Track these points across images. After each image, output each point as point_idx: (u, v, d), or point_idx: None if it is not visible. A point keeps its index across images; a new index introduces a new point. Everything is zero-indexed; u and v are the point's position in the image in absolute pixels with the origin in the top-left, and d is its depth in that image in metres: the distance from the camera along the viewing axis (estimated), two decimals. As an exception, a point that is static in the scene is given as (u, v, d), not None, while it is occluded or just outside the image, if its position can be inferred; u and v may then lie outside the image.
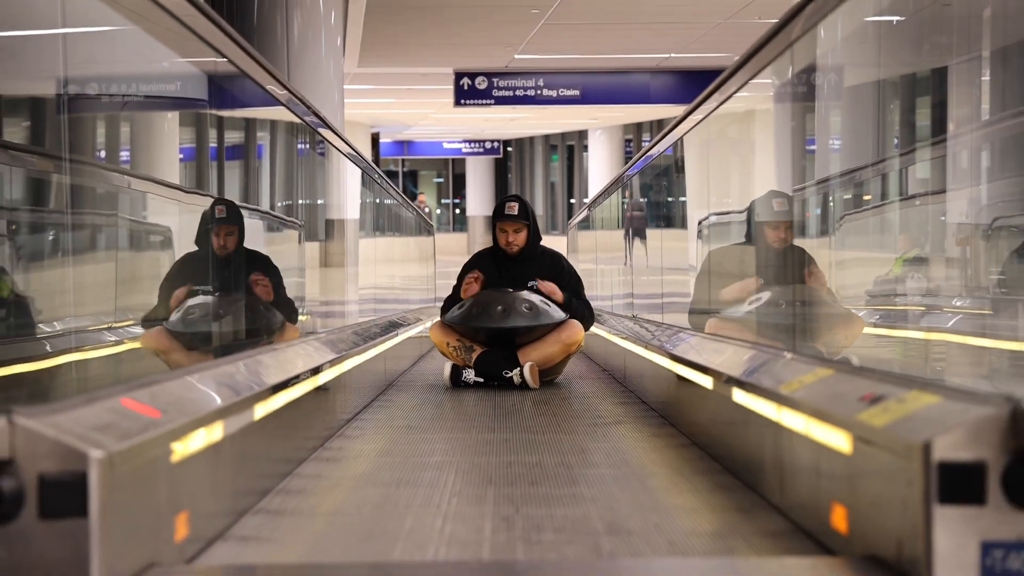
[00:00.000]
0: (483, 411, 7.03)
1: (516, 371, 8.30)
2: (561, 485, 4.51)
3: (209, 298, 4.79)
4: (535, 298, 8.42)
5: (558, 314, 8.44)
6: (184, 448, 3.23)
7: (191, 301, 4.62)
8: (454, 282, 8.97)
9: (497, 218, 8.79)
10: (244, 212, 5.52)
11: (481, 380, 8.38)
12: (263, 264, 5.55)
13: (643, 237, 9.60)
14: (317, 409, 5.49)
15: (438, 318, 8.89)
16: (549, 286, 8.57)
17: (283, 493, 4.35)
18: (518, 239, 8.75)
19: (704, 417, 5.42)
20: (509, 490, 4.36)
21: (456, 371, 8.46)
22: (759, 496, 4.21)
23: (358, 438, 5.83)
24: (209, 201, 4.79)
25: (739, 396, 4.47)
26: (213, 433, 3.53)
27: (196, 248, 4.78)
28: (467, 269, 8.91)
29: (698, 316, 6.69)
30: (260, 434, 4.23)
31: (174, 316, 4.48)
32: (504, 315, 8.29)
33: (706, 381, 5.19)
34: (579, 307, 8.67)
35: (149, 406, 3.21)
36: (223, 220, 5.05)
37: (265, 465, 4.38)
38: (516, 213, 8.72)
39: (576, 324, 8.53)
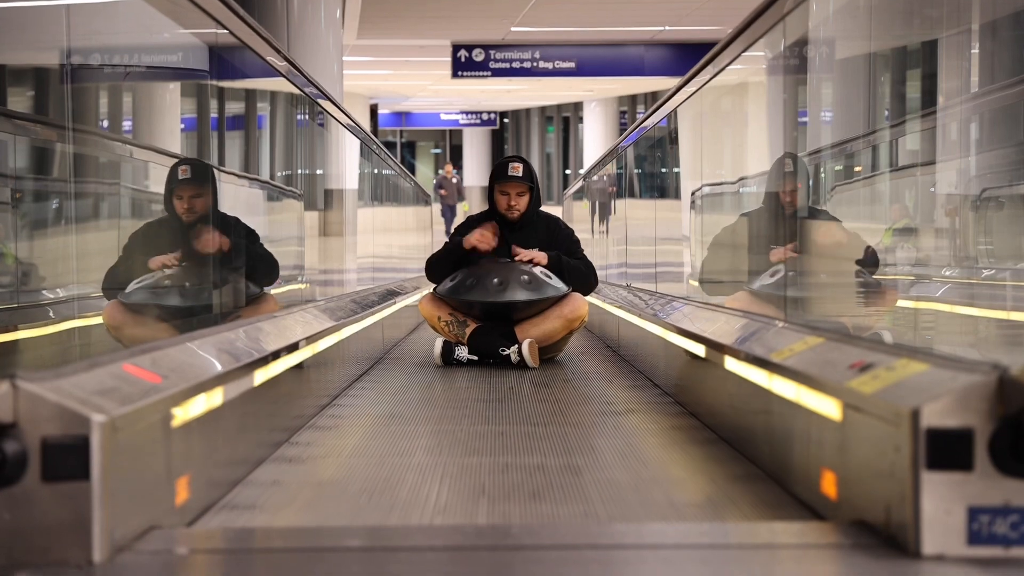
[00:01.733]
0: (476, 395, 6.19)
1: (514, 349, 7.42)
2: (569, 499, 3.66)
3: (169, 269, 4.37)
4: (536, 270, 7.53)
5: (560, 287, 7.57)
6: (184, 413, 3.23)
7: (150, 272, 4.24)
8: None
9: (498, 179, 7.83)
10: (232, 177, 5.36)
11: (475, 358, 7.52)
12: (236, 230, 4.94)
13: (608, 211, 9.61)
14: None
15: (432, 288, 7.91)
16: (528, 253, 7.63)
17: (230, 508, 3.56)
18: (520, 203, 7.80)
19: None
20: (505, 506, 3.58)
21: (448, 348, 7.58)
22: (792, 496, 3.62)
23: (332, 429, 5.09)
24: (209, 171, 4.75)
25: (732, 364, 4.47)
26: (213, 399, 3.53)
27: (165, 214, 4.47)
28: (461, 232, 7.85)
29: (714, 285, 6.27)
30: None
31: (130, 288, 4.11)
32: (501, 288, 7.43)
33: (702, 351, 5.11)
34: (575, 265, 7.75)
35: (150, 371, 3.21)
36: (187, 181, 4.59)
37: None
38: (520, 175, 7.79)
39: (579, 298, 7.67)
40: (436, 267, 7.81)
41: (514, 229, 7.84)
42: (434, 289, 7.81)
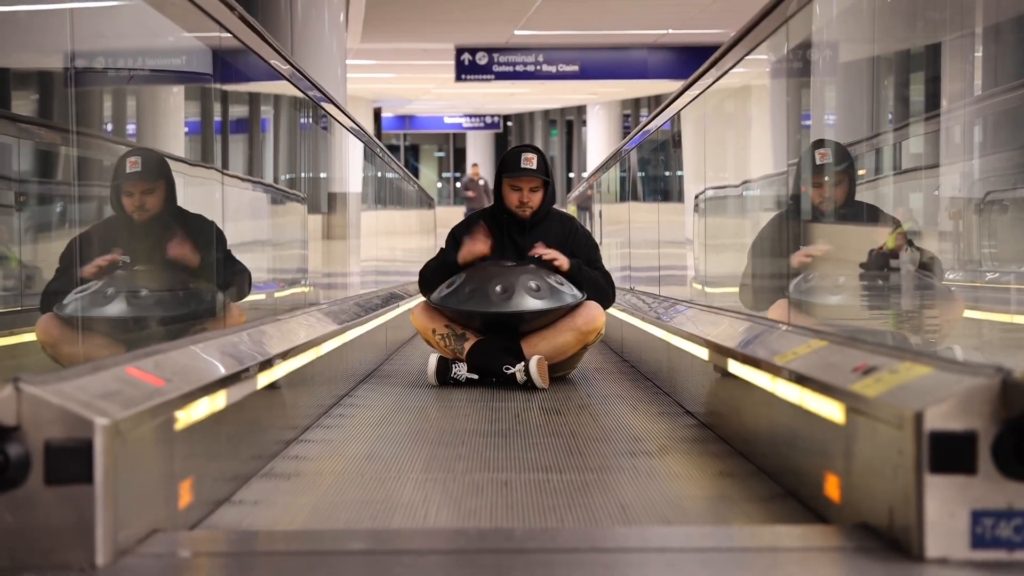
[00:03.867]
0: (475, 426, 5.20)
1: (520, 366, 6.44)
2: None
3: (112, 276, 3.88)
4: (550, 279, 6.58)
5: (573, 295, 6.59)
6: (187, 416, 3.23)
7: (90, 282, 3.78)
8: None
9: (508, 172, 6.85)
10: (236, 181, 5.19)
11: (475, 377, 6.55)
12: (200, 229, 4.41)
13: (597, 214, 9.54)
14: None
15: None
16: (551, 253, 6.67)
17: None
18: (533, 200, 6.84)
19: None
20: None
21: (444, 365, 6.60)
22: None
23: (294, 479, 4.05)
24: (213, 175, 4.75)
25: (734, 366, 4.47)
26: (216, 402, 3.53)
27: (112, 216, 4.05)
28: (460, 232, 6.97)
29: (755, 294, 5.47)
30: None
31: (68, 298, 3.72)
32: (505, 296, 6.47)
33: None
34: (593, 277, 6.77)
35: (153, 374, 3.21)
36: (137, 176, 4.09)
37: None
38: (535, 167, 6.81)
39: (594, 307, 6.66)
40: (432, 280, 6.86)
41: (524, 229, 6.87)
42: (422, 289, 6.94)
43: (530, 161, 6.78)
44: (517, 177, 6.80)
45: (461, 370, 6.57)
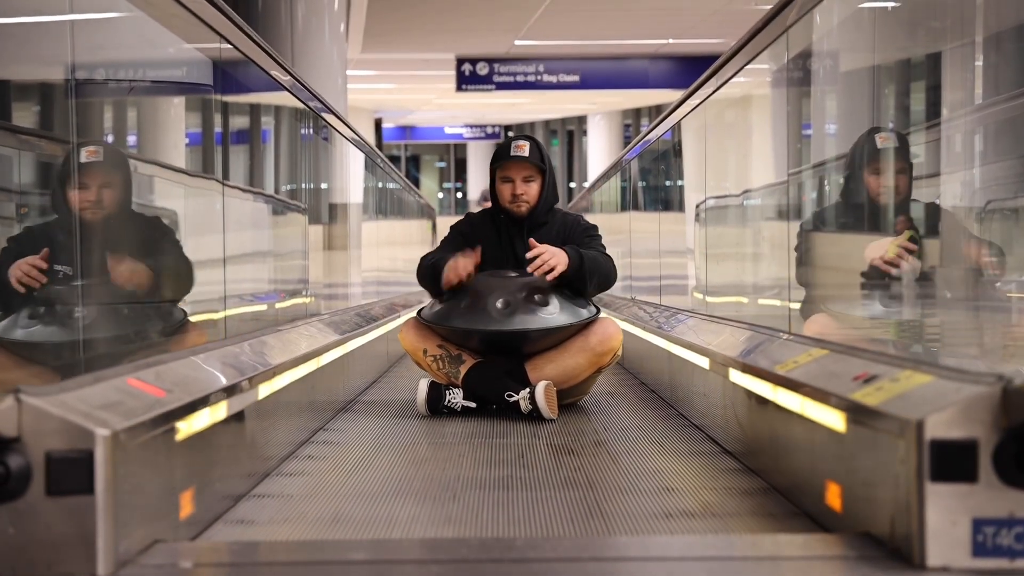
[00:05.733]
0: (471, 471, 4.36)
1: (524, 394, 5.60)
2: None
3: (50, 289, 3.53)
4: (554, 296, 5.77)
5: (588, 310, 5.85)
6: (188, 427, 3.23)
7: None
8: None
9: (500, 162, 6.07)
10: (237, 191, 5.10)
11: (472, 405, 5.76)
12: (155, 235, 4.02)
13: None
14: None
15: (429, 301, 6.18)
16: (545, 255, 5.71)
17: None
18: (529, 192, 6.02)
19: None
20: None
21: (436, 391, 5.78)
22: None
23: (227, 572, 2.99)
24: (214, 186, 4.75)
25: (738, 378, 4.46)
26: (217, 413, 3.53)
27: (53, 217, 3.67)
28: (455, 234, 6.22)
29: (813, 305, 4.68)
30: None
31: None
32: (507, 312, 5.68)
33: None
34: (592, 259, 5.85)
35: (154, 386, 3.21)
36: (97, 165, 3.67)
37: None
38: (527, 153, 6.00)
39: (610, 324, 5.89)
40: (428, 276, 6.02)
41: (524, 230, 6.06)
42: (418, 312, 6.05)
43: (521, 148, 6.00)
44: (508, 166, 6.03)
45: (456, 397, 5.77)
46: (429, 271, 5.98)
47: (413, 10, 18.71)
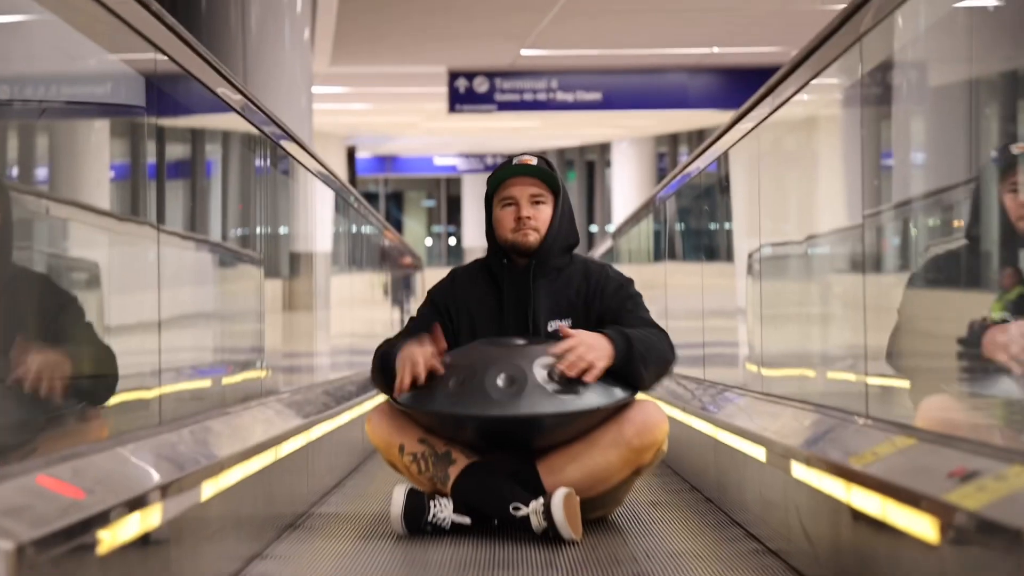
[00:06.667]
0: None
1: (536, 506, 5.01)
2: None
3: None
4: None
5: (619, 388, 5.21)
6: (113, 536, 3.21)
7: None
8: None
9: (502, 180, 5.55)
10: (175, 239, 5.19)
11: (466, 521, 5.15)
12: (54, 303, 3.74)
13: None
14: None
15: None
16: (579, 344, 5.11)
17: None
18: (538, 216, 5.46)
19: None
20: None
21: (416, 503, 5.17)
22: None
23: None
24: (145, 230, 4.75)
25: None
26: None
27: None
28: (429, 305, 5.66)
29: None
30: None
31: None
32: (513, 391, 5.07)
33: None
34: (641, 340, 5.25)
35: (71, 484, 3.18)
36: None
37: None
38: (534, 163, 5.55)
39: (652, 408, 5.32)
40: (378, 372, 5.48)
41: (530, 276, 5.49)
42: (392, 394, 5.38)
43: (526, 160, 5.59)
44: (510, 183, 5.54)
45: (444, 511, 5.17)
46: (379, 364, 5.47)
47: (395, 12, 18.76)
